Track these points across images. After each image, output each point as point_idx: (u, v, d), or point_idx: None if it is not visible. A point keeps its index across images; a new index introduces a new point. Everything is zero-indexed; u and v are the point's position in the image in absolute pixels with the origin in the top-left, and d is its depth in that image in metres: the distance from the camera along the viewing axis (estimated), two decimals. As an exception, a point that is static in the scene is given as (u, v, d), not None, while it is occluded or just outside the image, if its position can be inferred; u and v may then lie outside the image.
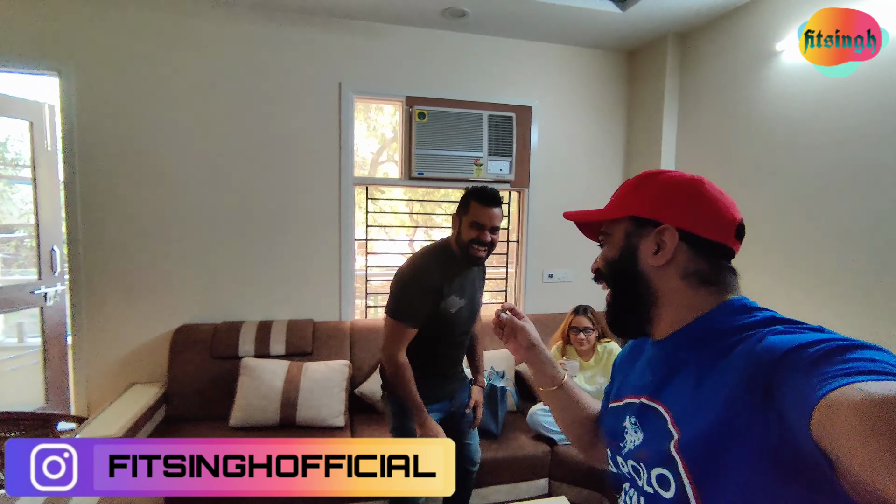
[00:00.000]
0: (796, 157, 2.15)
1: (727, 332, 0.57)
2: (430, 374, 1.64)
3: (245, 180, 2.58)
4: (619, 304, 0.70)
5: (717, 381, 0.53)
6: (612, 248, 0.69)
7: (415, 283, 1.57)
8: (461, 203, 1.61)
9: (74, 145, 2.36)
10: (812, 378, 0.42)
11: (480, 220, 1.56)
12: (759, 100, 2.32)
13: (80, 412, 2.44)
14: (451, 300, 1.59)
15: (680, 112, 2.84)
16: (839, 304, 1.97)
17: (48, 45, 2.30)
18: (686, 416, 0.57)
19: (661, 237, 0.63)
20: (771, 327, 0.53)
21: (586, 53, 3.04)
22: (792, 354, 0.46)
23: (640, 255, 0.65)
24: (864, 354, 0.42)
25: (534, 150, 2.98)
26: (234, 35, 2.51)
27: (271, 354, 2.43)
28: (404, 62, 2.75)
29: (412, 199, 3.29)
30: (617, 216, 0.69)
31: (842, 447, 0.37)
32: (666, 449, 0.56)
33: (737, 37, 2.44)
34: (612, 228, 0.70)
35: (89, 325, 2.43)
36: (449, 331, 1.64)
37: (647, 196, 0.67)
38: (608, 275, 0.70)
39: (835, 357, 0.43)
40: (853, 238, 1.92)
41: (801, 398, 0.41)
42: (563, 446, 2.21)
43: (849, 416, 0.36)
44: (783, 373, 0.46)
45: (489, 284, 3.25)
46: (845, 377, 0.40)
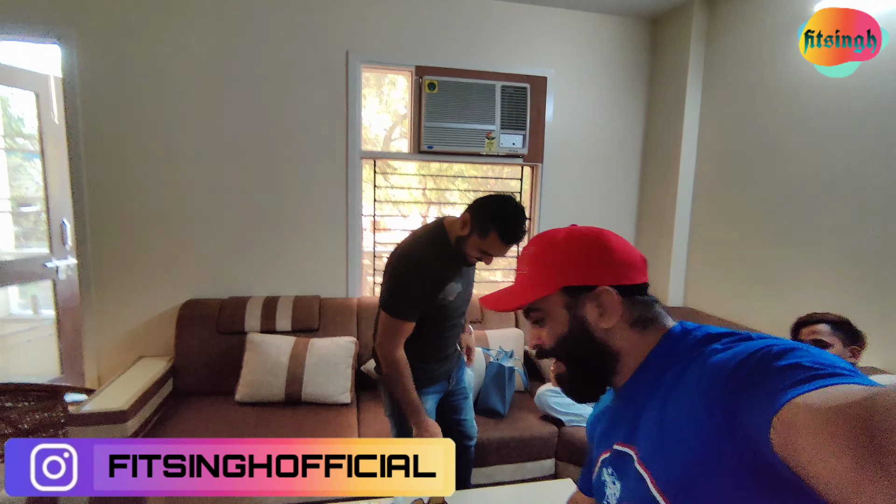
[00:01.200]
0: (826, 136, 2.01)
1: (675, 358, 0.59)
2: (428, 360, 1.59)
3: (252, 153, 2.52)
4: (581, 375, 0.68)
5: (678, 410, 0.54)
6: (556, 324, 0.67)
7: (414, 277, 1.45)
8: (481, 220, 1.40)
9: (78, 118, 2.32)
10: (760, 398, 0.43)
11: (491, 252, 1.43)
12: (790, 71, 2.16)
13: (92, 384, 2.47)
14: (450, 287, 1.50)
15: (704, 85, 2.68)
16: (869, 288, 1.86)
17: (48, 11, 2.24)
18: (655, 452, 0.56)
19: (600, 300, 0.63)
20: (710, 346, 0.55)
21: (606, 20, 2.88)
22: (736, 374, 0.47)
23: (590, 323, 0.64)
24: (796, 359, 0.43)
25: (548, 123, 2.86)
26: (240, 2, 2.42)
27: (277, 330, 2.41)
28: (414, 30, 2.63)
29: (426, 174, 3.20)
30: (547, 293, 0.66)
31: (803, 463, 0.37)
32: (646, 491, 0.55)
33: (769, 1, 2.26)
34: (545, 304, 0.67)
35: (98, 298, 2.44)
36: (448, 317, 1.56)
37: (566, 263, 0.66)
38: (562, 351, 0.68)
39: (772, 368, 0.44)
40: (883, 219, 1.80)
41: (757, 420, 0.42)
42: (570, 427, 2.17)
43: (806, 431, 0.37)
44: (734, 394, 0.46)
45: (500, 263, 3.19)
46: (792, 388, 0.40)
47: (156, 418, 2.09)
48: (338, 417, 2.14)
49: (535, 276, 0.68)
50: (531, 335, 0.71)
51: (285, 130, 2.54)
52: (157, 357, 2.45)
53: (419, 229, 1.59)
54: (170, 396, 2.29)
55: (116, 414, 1.84)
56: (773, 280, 2.23)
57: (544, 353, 0.69)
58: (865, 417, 0.33)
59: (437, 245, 1.49)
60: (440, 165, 3.11)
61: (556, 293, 0.66)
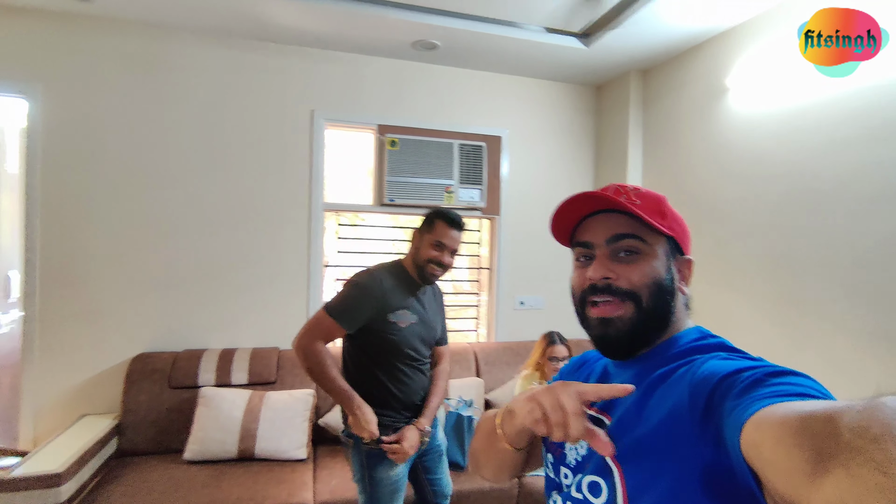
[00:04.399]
0: (751, 188, 2.22)
1: (682, 353, 0.60)
2: (389, 400, 1.57)
3: (213, 205, 2.55)
4: (643, 324, 0.63)
5: (663, 395, 0.56)
6: (654, 267, 0.63)
7: (362, 283, 1.54)
8: (425, 221, 1.62)
9: (36, 169, 2.32)
10: (744, 400, 0.44)
11: (443, 241, 1.57)
12: (714, 132, 2.42)
13: (27, 446, 2.31)
14: (402, 313, 1.56)
15: (644, 144, 2.93)
16: (786, 330, 2.00)
17: (15, 65, 2.29)
18: (625, 425, 0.58)
19: (687, 267, 0.67)
20: (715, 353, 0.57)
21: (556, 87, 3.15)
22: (728, 378, 0.49)
23: (676, 281, 0.65)
24: (791, 380, 0.45)
25: (504, 178, 3.04)
26: (207, 61, 2.53)
27: (233, 384, 2.35)
28: (376, 91, 2.80)
29: (392, 226, 3.28)
30: (662, 231, 0.64)
31: (767, 460, 0.38)
32: (603, 458, 0.57)
33: (692, 73, 2.56)
34: (651, 240, 0.64)
35: (42, 353, 2.33)
36: (400, 348, 1.56)
37: (676, 220, 0.67)
38: (647, 294, 0.62)
39: (765, 381, 0.45)
40: (803, 265, 1.98)
41: (734, 418, 0.43)
42: (530, 478, 2.16)
43: (775, 430, 0.38)
44: (720, 395, 0.48)
45: (461, 312, 3.25)
46: (774, 398, 0.42)
47: (95, 482, 1.97)
48: (292, 474, 2.07)
49: (652, 211, 0.64)
50: (603, 267, 0.63)
51: (249, 183, 2.60)
52: (101, 415, 2.32)
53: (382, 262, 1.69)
54: (112, 457, 2.16)
55: (50, 477, 1.73)
56: (709, 323, 2.35)
57: (604, 291, 0.63)
58: (835, 418, 0.34)
59: (393, 267, 1.63)
60: (407, 218, 3.20)
61: (663, 237, 0.65)
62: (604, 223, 0.65)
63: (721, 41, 2.37)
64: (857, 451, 0.31)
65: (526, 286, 3.09)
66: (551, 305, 3.11)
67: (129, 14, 2.35)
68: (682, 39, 2.47)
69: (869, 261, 1.75)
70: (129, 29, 2.42)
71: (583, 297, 0.66)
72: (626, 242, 0.63)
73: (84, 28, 2.36)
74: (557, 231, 0.69)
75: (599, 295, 0.63)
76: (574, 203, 0.65)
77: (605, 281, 0.63)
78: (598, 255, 0.64)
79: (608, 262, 0.63)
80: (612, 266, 0.63)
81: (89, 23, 2.36)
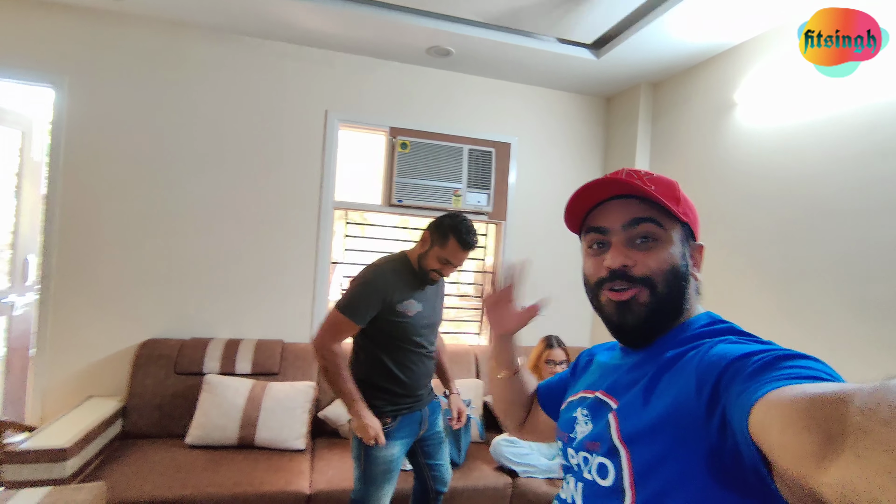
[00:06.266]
0: (757, 202, 2.24)
1: (692, 337, 0.60)
2: (396, 387, 1.62)
3: (226, 199, 2.62)
4: (659, 308, 0.62)
5: (670, 380, 0.55)
6: (669, 253, 0.62)
7: (370, 278, 1.59)
8: (441, 230, 1.59)
9: (60, 159, 2.41)
10: (754, 382, 0.44)
11: (452, 260, 1.60)
12: (721, 146, 2.44)
13: (34, 423, 2.36)
14: (409, 303, 1.61)
15: (652, 156, 2.96)
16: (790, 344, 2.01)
17: (46, 57, 2.39)
18: (632, 408, 0.58)
19: (699, 253, 0.67)
20: (725, 336, 0.57)
21: (566, 97, 3.20)
22: (738, 362, 0.48)
23: (691, 267, 0.65)
24: (802, 363, 0.45)
25: (512, 184, 3.08)
26: (226, 60, 2.62)
27: (237, 373, 2.40)
28: (390, 95, 2.87)
29: (399, 226, 3.34)
30: (679, 216, 0.64)
31: (776, 442, 0.38)
32: (610, 439, 0.58)
33: (701, 87, 2.59)
34: (667, 225, 0.63)
35: (54, 335, 2.40)
36: (409, 336, 1.63)
37: (691, 206, 0.67)
38: (663, 280, 0.62)
39: (775, 364, 0.45)
40: (808, 278, 1.99)
41: (743, 400, 0.43)
42: (524, 478, 2.18)
43: (784, 411, 0.37)
44: (729, 378, 0.48)
45: (464, 314, 3.28)
46: (784, 380, 0.42)
47: (99, 460, 2.02)
48: (290, 463, 2.10)
49: (667, 196, 0.63)
50: (620, 255, 0.63)
51: (261, 179, 2.67)
52: (107, 397, 2.38)
53: (388, 255, 1.73)
54: (117, 438, 2.21)
55: (56, 452, 1.78)
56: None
57: (621, 278, 0.63)
58: (845, 400, 0.34)
59: (399, 261, 1.67)
60: (415, 219, 3.25)
61: (679, 223, 0.64)
62: (620, 208, 0.64)
63: (730, 57, 2.41)
64: (866, 433, 0.31)
65: (529, 291, 3.10)
66: (551, 310, 3.12)
67: (154, 12, 2.45)
68: (692, 54, 2.52)
69: (874, 275, 1.76)
70: (153, 26, 2.51)
71: (597, 284, 0.66)
72: (643, 227, 0.62)
73: (111, 24, 2.46)
74: (570, 218, 0.71)
75: (617, 282, 0.63)
76: (591, 189, 0.66)
77: (623, 268, 0.62)
78: (615, 242, 0.64)
79: (625, 249, 0.63)
80: (629, 253, 0.63)
81: (116, 19, 2.46)
